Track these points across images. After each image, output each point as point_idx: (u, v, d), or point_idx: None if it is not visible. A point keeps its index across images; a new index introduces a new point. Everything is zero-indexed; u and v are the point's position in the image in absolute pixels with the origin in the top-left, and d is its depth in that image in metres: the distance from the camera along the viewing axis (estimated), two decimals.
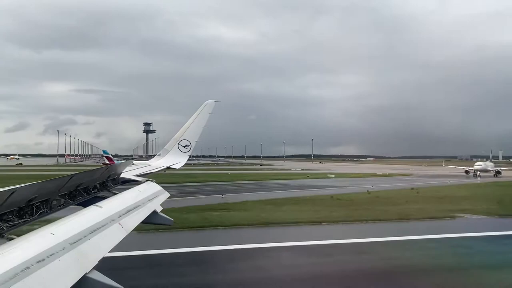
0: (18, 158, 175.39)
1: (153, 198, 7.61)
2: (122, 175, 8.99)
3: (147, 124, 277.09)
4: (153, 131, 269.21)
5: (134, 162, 13.16)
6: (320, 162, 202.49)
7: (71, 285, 3.22)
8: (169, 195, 8.74)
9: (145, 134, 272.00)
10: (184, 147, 14.71)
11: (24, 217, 4.58)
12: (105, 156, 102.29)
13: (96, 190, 7.17)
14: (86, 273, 3.51)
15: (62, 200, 5.72)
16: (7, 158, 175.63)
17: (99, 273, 3.66)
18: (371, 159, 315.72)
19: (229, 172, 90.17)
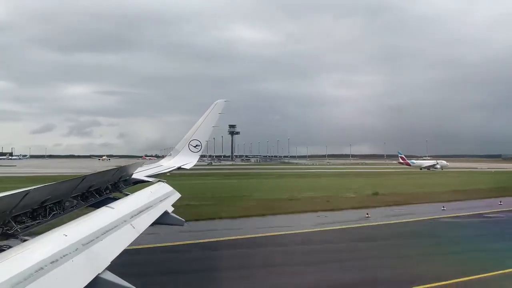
0: (109, 159, 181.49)
1: (164, 199, 7.64)
2: (133, 176, 9.05)
3: (232, 126, 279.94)
4: (237, 133, 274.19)
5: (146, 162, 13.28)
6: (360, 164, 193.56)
7: (84, 286, 3.25)
8: (180, 195, 8.76)
9: (230, 135, 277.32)
10: (194, 147, 14.75)
11: (37, 218, 4.64)
12: (400, 157, 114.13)
13: (108, 191, 7.22)
14: (98, 274, 3.54)
15: (75, 202, 5.78)
16: (99, 159, 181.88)
17: (112, 273, 3.69)
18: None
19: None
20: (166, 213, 7.19)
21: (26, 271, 2.85)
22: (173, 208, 7.74)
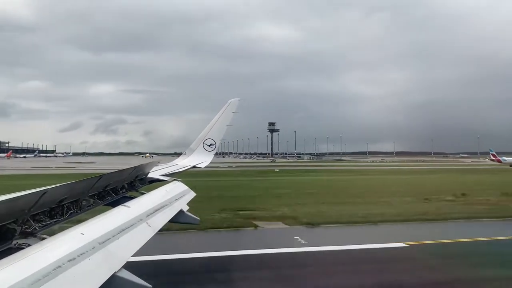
0: (152, 157, 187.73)
1: (179, 198, 7.68)
2: (149, 175, 9.12)
3: (271, 124, 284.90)
4: (277, 130, 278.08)
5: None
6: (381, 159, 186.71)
7: (101, 284, 3.27)
8: (195, 194, 8.80)
9: (269, 133, 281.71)
10: (209, 146, 14.79)
11: (55, 217, 4.70)
12: (491, 154, 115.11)
13: (124, 190, 7.28)
14: (115, 272, 3.56)
15: (91, 201, 5.84)
16: (143, 156, 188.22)
17: (128, 272, 3.71)
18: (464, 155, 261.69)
19: None
20: (181, 211, 7.23)
21: (44, 269, 2.89)
22: (188, 207, 7.77)
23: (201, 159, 14.47)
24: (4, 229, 3.65)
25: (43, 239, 3.75)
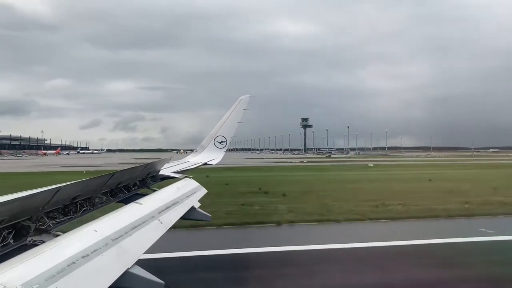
0: (186, 152, 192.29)
1: (191, 195, 7.71)
2: (160, 172, 9.18)
3: (304, 120, 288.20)
4: (310, 126, 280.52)
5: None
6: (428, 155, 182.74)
7: (114, 280, 3.31)
8: (206, 191, 8.83)
9: (303, 128, 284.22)
10: (220, 143, 14.83)
11: (68, 214, 4.76)
12: None
13: (136, 187, 7.34)
14: (128, 268, 3.60)
15: (104, 198, 5.89)
16: (177, 153, 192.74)
17: (141, 268, 3.74)
18: (496, 150, 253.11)
19: None
20: (193, 208, 7.26)
21: (59, 265, 2.93)
22: (199, 204, 7.81)
23: (213, 156, 14.52)
24: (19, 226, 3.71)
25: (57, 236, 3.79)
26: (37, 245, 3.52)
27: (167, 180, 9.20)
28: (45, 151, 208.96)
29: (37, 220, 3.98)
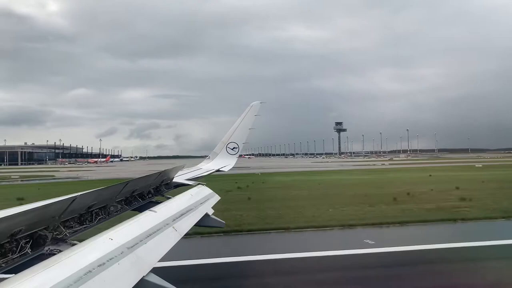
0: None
1: (204, 201, 7.73)
2: (174, 180, 9.22)
3: (338, 123, 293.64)
4: (344, 130, 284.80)
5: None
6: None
7: None
8: (219, 198, 8.84)
9: (337, 133, 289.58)
10: (232, 149, 14.86)
11: (84, 223, 4.80)
12: None
13: (150, 195, 7.38)
14: (143, 276, 3.61)
15: (119, 206, 5.93)
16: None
17: (156, 276, 3.75)
18: None
19: None
20: (206, 215, 7.27)
21: (75, 274, 2.95)
22: (213, 211, 7.82)
23: (225, 163, 14.54)
24: (36, 235, 3.75)
25: (74, 244, 3.83)
26: (54, 254, 3.56)
27: (181, 187, 9.24)
28: (95, 159, 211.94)
29: (54, 229, 4.03)
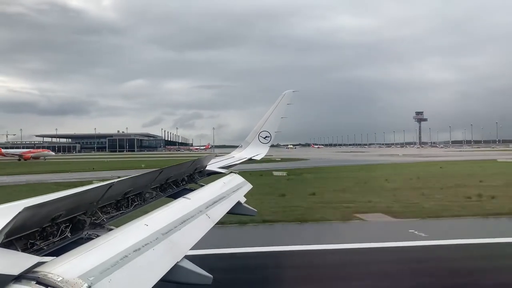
0: (295, 148, 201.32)
1: (237, 190, 7.75)
2: (207, 168, 9.31)
3: (418, 113, 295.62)
4: (425, 119, 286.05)
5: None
6: None
7: (165, 273, 3.37)
8: (251, 186, 8.85)
9: (417, 123, 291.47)
10: (264, 138, 14.81)
11: (121, 209, 4.92)
12: None
13: (184, 183, 7.49)
14: (177, 262, 3.65)
15: (154, 193, 6.05)
16: (287, 148, 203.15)
17: (190, 262, 3.79)
18: None
19: None
20: (239, 203, 7.30)
21: (112, 259, 3.02)
22: (245, 199, 7.84)
23: (257, 151, 14.52)
24: (76, 220, 3.88)
25: (110, 230, 3.93)
26: (92, 238, 3.66)
27: (214, 175, 9.31)
28: (196, 147, 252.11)
29: (92, 214, 4.15)
